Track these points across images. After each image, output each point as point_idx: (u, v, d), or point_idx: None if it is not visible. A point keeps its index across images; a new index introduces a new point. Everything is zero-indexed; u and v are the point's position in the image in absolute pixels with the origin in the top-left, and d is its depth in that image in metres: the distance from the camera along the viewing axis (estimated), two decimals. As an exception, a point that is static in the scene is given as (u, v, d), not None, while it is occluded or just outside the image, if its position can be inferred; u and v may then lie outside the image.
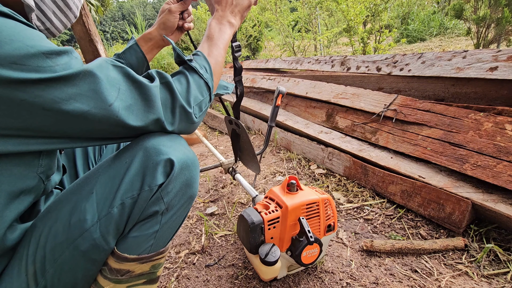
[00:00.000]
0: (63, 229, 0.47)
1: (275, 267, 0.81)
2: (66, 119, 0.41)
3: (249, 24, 6.13)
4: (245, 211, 0.81)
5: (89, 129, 0.44)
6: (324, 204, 0.85)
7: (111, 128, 0.45)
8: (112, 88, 0.44)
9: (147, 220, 0.52)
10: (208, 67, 0.62)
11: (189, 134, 0.59)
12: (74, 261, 0.49)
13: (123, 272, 0.54)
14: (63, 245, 0.47)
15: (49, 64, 0.39)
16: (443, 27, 5.87)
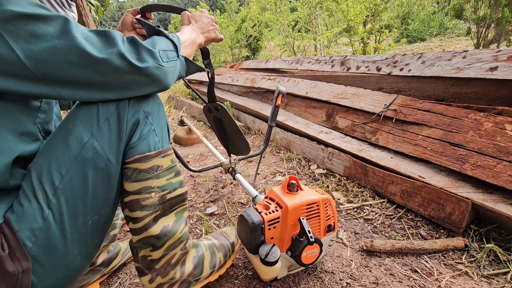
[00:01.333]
0: (63, 151, 0.54)
1: (275, 267, 0.81)
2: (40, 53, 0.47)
3: (249, 24, 6.13)
4: (245, 211, 0.81)
5: (62, 65, 0.49)
6: (324, 204, 0.85)
7: (80, 60, 0.50)
8: (79, 30, 0.51)
9: (138, 126, 0.63)
10: (177, 39, 0.69)
11: (164, 85, 0.63)
12: (82, 172, 0.56)
13: (155, 167, 0.65)
14: (67, 161, 0.54)
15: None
16: (443, 27, 5.87)
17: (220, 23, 6.63)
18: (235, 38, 6.37)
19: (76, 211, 0.56)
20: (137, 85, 0.59)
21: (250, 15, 6.01)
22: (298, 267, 0.92)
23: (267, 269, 0.82)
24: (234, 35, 6.35)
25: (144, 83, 0.59)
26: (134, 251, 0.72)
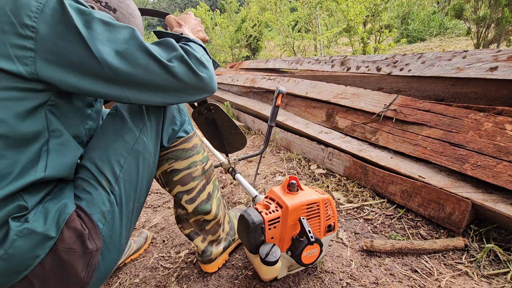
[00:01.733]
0: (120, 144, 0.62)
1: (275, 267, 0.81)
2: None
3: (249, 24, 6.13)
4: (245, 211, 0.81)
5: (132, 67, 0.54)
6: (324, 204, 0.85)
7: (148, 63, 0.55)
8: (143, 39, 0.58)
9: (175, 118, 0.77)
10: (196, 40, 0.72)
11: (213, 90, 0.68)
12: (135, 162, 0.65)
13: (195, 145, 0.82)
14: (124, 153, 0.63)
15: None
16: (443, 27, 5.87)
17: (220, 23, 6.63)
18: (235, 38, 6.37)
19: (129, 198, 0.64)
20: (194, 91, 0.63)
21: (250, 15, 6.01)
22: (298, 267, 0.92)
23: (267, 269, 0.82)
24: (234, 35, 6.34)
25: (200, 89, 0.64)
26: (185, 221, 0.89)
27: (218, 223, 0.96)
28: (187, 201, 0.84)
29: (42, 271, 0.49)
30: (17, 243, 0.46)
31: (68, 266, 0.51)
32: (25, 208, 0.49)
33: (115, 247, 0.62)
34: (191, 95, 0.63)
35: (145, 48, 0.54)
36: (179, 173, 0.80)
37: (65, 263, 0.51)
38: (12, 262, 0.46)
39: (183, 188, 0.82)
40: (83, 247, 0.53)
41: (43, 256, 0.49)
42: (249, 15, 6.17)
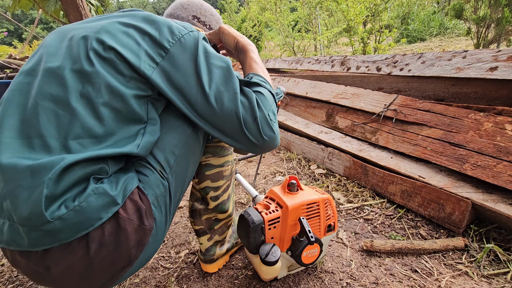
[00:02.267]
0: (175, 136, 0.66)
1: (275, 267, 0.81)
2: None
3: (249, 24, 6.13)
4: (245, 211, 0.81)
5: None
6: (324, 204, 0.85)
7: (233, 115, 0.62)
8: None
9: None
10: (264, 79, 0.73)
11: (272, 147, 0.69)
12: (188, 151, 0.69)
13: (229, 147, 0.87)
14: (178, 144, 0.66)
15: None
16: (443, 27, 5.87)
17: (220, 23, 6.63)
18: (235, 38, 6.35)
19: (177, 188, 0.68)
20: (256, 148, 0.67)
21: (250, 15, 6.01)
22: (298, 267, 0.92)
23: (267, 269, 0.82)
24: (234, 35, 6.33)
25: (261, 148, 0.67)
26: (198, 217, 0.90)
27: (227, 225, 0.97)
28: (212, 198, 0.87)
29: (101, 235, 0.51)
30: (90, 198, 0.50)
31: (124, 236, 0.54)
32: (106, 172, 0.55)
33: (159, 234, 0.63)
34: (252, 150, 0.68)
35: (237, 106, 0.62)
36: (212, 168, 0.85)
37: (122, 232, 0.53)
38: (81, 216, 0.49)
39: (212, 184, 0.86)
40: (139, 221, 0.56)
41: (105, 219, 0.51)
42: (249, 15, 6.17)
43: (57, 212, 0.48)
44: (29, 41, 7.87)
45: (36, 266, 0.51)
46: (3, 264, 1.14)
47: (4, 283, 1.03)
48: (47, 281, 0.53)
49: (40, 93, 0.53)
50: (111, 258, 0.53)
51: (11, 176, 0.48)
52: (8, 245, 0.50)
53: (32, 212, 0.47)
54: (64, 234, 0.49)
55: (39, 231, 0.48)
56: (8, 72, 3.05)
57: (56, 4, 3.51)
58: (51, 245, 0.49)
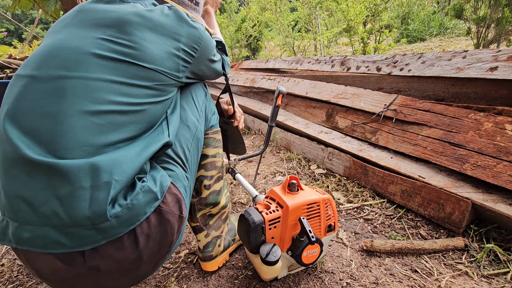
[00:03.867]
0: (186, 131, 0.74)
1: (276, 267, 0.81)
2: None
3: (249, 24, 6.13)
4: (246, 210, 0.81)
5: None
6: (324, 204, 0.85)
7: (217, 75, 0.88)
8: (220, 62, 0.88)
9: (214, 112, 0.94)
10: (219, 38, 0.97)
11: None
12: (196, 145, 0.78)
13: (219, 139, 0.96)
14: (190, 139, 0.75)
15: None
16: (443, 27, 5.87)
17: (220, 23, 6.63)
18: (235, 38, 6.37)
19: (192, 180, 0.75)
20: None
21: (250, 15, 6.01)
22: (299, 267, 0.92)
23: (267, 269, 0.82)
24: (234, 35, 6.34)
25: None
26: (193, 213, 0.93)
27: (222, 218, 0.99)
28: (206, 186, 0.92)
29: (148, 228, 0.56)
30: (139, 196, 0.55)
31: (168, 226, 0.59)
32: (145, 172, 0.60)
33: (182, 230, 0.68)
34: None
35: (219, 70, 0.87)
36: (206, 158, 0.90)
37: (166, 223, 0.58)
38: (132, 213, 0.53)
39: (205, 173, 0.91)
40: (179, 211, 0.61)
41: (149, 213, 0.56)
42: (249, 15, 6.17)
43: (112, 210, 0.51)
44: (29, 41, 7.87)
45: (81, 268, 0.51)
46: (3, 264, 1.14)
47: (4, 283, 1.03)
48: (89, 281, 0.54)
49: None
50: (158, 247, 0.58)
51: (70, 177, 0.49)
52: (43, 248, 0.50)
53: (95, 211, 0.49)
54: (115, 230, 0.52)
55: (93, 230, 0.50)
56: (8, 72, 3.04)
57: (56, 4, 3.51)
58: (101, 242, 0.51)
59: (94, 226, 0.50)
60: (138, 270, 0.57)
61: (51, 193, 0.49)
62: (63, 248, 0.50)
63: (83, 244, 0.50)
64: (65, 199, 0.49)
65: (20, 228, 0.50)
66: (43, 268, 0.52)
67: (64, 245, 0.50)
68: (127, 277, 0.57)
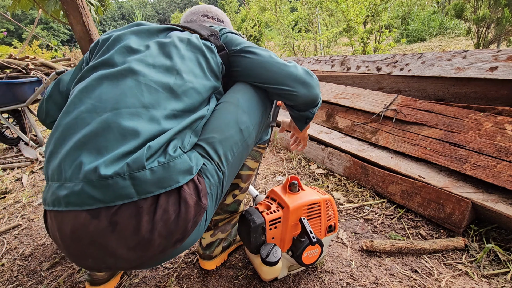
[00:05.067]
0: (237, 135, 0.71)
1: (276, 267, 0.81)
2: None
3: (249, 24, 6.13)
4: (246, 211, 0.81)
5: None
6: (325, 205, 0.85)
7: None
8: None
9: (269, 126, 0.91)
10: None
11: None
12: (244, 151, 0.74)
13: (261, 153, 0.95)
14: (238, 143, 0.72)
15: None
16: (443, 27, 5.87)
17: (220, 23, 6.62)
18: (235, 38, 6.35)
19: (227, 184, 0.72)
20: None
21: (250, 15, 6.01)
22: (299, 267, 0.92)
23: (268, 269, 0.82)
24: (234, 35, 6.33)
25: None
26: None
27: (231, 223, 1.00)
28: (233, 195, 0.92)
29: (166, 202, 0.56)
30: (177, 160, 0.57)
31: (185, 207, 0.58)
32: (184, 147, 0.62)
33: (203, 223, 0.65)
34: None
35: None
36: (247, 170, 0.91)
37: (183, 203, 0.58)
38: (166, 173, 0.55)
39: (241, 184, 0.92)
40: (198, 198, 0.60)
41: (181, 183, 0.57)
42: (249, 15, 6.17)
43: (151, 163, 0.54)
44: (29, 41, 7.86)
45: (103, 220, 0.52)
46: (3, 264, 1.14)
47: (4, 283, 1.03)
48: (100, 241, 0.53)
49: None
50: (170, 228, 0.56)
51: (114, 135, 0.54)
52: (78, 206, 0.52)
53: (135, 158, 0.53)
54: (148, 186, 0.53)
55: (129, 180, 0.52)
56: (8, 72, 3.04)
57: (56, 4, 3.50)
58: (133, 198, 0.52)
59: (130, 174, 0.52)
60: (148, 247, 0.56)
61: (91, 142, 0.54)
62: (97, 204, 0.51)
63: (116, 198, 0.52)
64: (103, 147, 0.53)
65: (59, 188, 0.53)
66: (67, 226, 0.53)
67: (98, 200, 0.51)
68: (134, 251, 0.56)
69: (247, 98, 0.77)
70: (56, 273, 1.06)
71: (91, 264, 0.57)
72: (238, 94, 0.77)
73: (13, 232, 1.36)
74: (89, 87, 0.61)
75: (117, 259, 0.55)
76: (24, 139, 2.60)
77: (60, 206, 0.53)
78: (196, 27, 0.80)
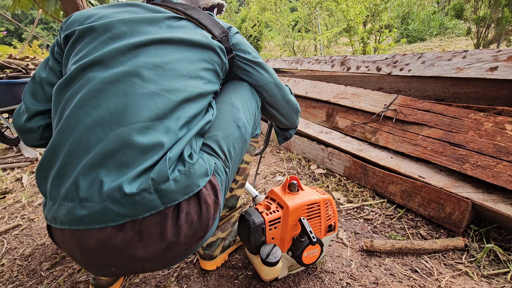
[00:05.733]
0: (236, 131, 0.75)
1: (276, 268, 0.81)
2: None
3: (249, 24, 6.13)
4: (246, 211, 0.81)
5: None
6: (325, 204, 0.85)
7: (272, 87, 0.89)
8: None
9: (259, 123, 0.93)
10: None
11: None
12: (243, 146, 0.78)
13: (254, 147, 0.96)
14: (238, 139, 0.75)
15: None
16: (443, 27, 5.86)
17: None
18: (235, 38, 6.35)
19: (231, 178, 0.75)
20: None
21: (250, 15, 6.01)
22: (299, 267, 0.92)
23: (268, 270, 0.82)
24: (234, 35, 6.33)
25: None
26: None
27: (230, 222, 1.00)
28: (230, 189, 0.92)
29: (188, 206, 0.57)
30: (196, 166, 0.58)
31: (205, 207, 0.59)
32: (195, 151, 0.63)
33: (218, 217, 0.66)
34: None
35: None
36: (242, 163, 0.91)
37: (204, 204, 0.59)
38: (188, 180, 0.56)
39: (237, 177, 0.92)
40: (215, 197, 0.62)
41: (202, 186, 0.58)
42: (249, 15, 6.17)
43: (173, 174, 0.55)
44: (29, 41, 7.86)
45: (128, 231, 0.52)
46: (3, 264, 1.14)
47: (4, 283, 1.03)
48: (131, 249, 0.53)
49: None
50: (194, 228, 0.58)
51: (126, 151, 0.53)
52: (103, 223, 0.51)
53: (158, 171, 0.53)
54: (174, 195, 0.54)
55: (155, 193, 0.52)
56: (8, 72, 3.04)
57: (56, 4, 3.50)
58: (160, 208, 0.53)
59: (156, 188, 0.52)
60: (172, 250, 0.57)
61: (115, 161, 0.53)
62: (124, 219, 0.51)
63: (144, 212, 0.52)
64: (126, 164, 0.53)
65: (76, 208, 0.51)
66: (89, 241, 0.52)
67: (125, 215, 0.51)
68: (161, 255, 0.56)
69: (239, 97, 0.81)
70: (56, 273, 1.06)
71: (113, 271, 0.57)
72: (230, 94, 0.81)
73: (13, 232, 1.36)
74: (91, 94, 0.55)
75: (145, 264, 0.56)
76: (24, 139, 2.60)
77: (80, 225, 0.51)
78: (207, 23, 0.75)
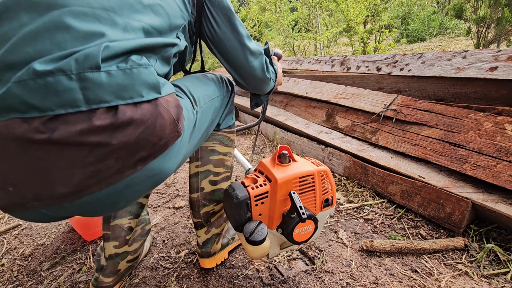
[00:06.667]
0: (208, 90, 0.76)
1: (263, 246, 0.73)
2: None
3: (249, 24, 6.13)
4: (230, 185, 0.73)
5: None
6: (320, 177, 0.75)
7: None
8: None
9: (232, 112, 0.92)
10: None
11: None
12: (210, 110, 0.76)
13: (234, 141, 0.96)
14: (210, 97, 0.76)
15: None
16: (443, 27, 5.86)
17: (220, 23, 6.62)
18: (235, 38, 6.35)
19: (198, 133, 0.71)
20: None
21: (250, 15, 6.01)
22: (291, 245, 0.84)
23: (254, 248, 0.73)
24: (234, 35, 6.33)
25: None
26: (196, 209, 0.92)
27: (223, 217, 0.99)
28: (211, 182, 0.90)
29: (133, 111, 0.47)
30: (141, 69, 0.48)
31: (158, 120, 0.50)
32: (150, 63, 0.53)
33: (174, 153, 0.58)
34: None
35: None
36: (217, 154, 0.90)
37: (157, 116, 0.50)
38: (127, 80, 0.46)
39: (213, 169, 0.90)
40: (176, 118, 0.54)
41: (144, 99, 0.48)
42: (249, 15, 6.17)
43: (106, 65, 0.44)
44: (29, 41, 7.84)
45: (40, 135, 0.41)
46: (3, 264, 1.14)
47: (4, 283, 1.03)
48: (38, 164, 0.43)
49: None
50: (136, 140, 0.48)
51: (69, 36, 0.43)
52: (5, 112, 0.41)
53: (86, 53, 0.43)
54: (101, 93, 0.43)
55: (76, 81, 0.42)
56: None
57: (56, 4, 3.51)
58: (79, 109, 0.42)
59: (79, 74, 0.41)
60: (100, 162, 0.45)
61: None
62: (29, 110, 0.40)
63: (57, 105, 0.41)
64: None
65: None
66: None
67: (30, 105, 0.40)
68: (78, 166, 0.44)
69: (195, 84, 0.75)
70: (56, 273, 1.06)
71: (11, 192, 0.45)
72: (185, 82, 0.74)
73: (13, 232, 1.36)
74: None
75: (57, 186, 0.44)
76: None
77: None
78: None
